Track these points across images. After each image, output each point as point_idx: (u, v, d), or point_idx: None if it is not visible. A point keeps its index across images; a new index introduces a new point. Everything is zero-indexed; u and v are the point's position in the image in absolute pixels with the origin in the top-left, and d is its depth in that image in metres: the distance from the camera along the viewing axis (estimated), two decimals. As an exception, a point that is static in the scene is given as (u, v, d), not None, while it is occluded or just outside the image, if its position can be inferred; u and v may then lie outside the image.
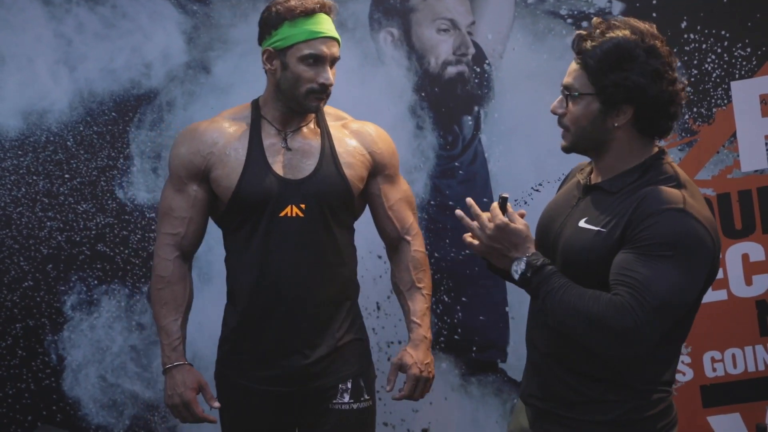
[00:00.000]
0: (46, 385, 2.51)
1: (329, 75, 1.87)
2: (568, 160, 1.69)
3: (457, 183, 2.53)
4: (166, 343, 1.92)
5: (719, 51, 2.48)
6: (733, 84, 2.48)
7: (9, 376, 2.50)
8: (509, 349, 2.56)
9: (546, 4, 2.50)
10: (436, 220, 2.54)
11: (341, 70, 2.50)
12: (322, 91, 1.87)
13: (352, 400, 1.96)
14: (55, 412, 2.51)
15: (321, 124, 1.97)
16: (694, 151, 2.50)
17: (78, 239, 2.51)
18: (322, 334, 1.93)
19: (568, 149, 1.57)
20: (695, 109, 2.49)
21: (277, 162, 1.90)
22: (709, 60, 2.48)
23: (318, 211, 1.89)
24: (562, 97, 1.54)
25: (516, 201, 2.49)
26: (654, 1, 2.48)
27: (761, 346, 2.50)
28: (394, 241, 2.06)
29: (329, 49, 1.87)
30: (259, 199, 1.87)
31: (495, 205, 1.53)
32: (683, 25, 2.48)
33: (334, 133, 1.96)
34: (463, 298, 2.56)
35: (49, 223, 2.51)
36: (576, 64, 1.51)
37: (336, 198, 1.91)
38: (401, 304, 2.06)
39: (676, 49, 2.47)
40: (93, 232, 2.51)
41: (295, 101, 1.88)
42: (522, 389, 1.72)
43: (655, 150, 1.54)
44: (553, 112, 1.56)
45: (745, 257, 2.50)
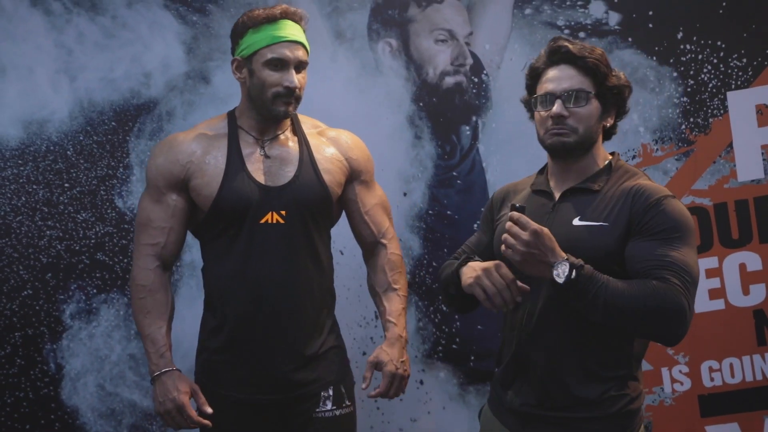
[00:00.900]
0: (44, 393, 2.51)
1: (294, 78, 1.89)
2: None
3: (455, 192, 2.54)
4: (152, 351, 1.92)
5: (715, 61, 2.49)
6: (729, 94, 2.49)
7: (7, 384, 2.50)
8: (507, 359, 2.56)
9: (543, 15, 2.52)
10: (434, 229, 2.55)
11: (340, 81, 2.54)
12: (289, 94, 1.89)
13: (335, 407, 1.96)
14: (53, 420, 2.51)
15: (298, 132, 1.99)
16: (690, 160, 2.51)
17: (77, 248, 2.52)
18: (302, 341, 1.93)
19: (571, 146, 1.64)
20: (692, 119, 2.51)
21: (257, 170, 1.92)
22: (705, 70, 2.49)
23: (298, 218, 1.91)
24: (561, 102, 1.62)
25: (514, 210, 2.50)
26: (650, 12, 2.50)
27: (759, 355, 2.50)
28: (371, 245, 2.08)
29: (293, 52, 1.89)
30: (240, 206, 1.89)
31: (517, 213, 1.54)
32: (679, 35, 2.50)
33: (311, 140, 1.99)
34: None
35: (48, 232, 2.52)
36: (573, 70, 1.64)
37: (316, 204, 1.93)
38: (377, 305, 2.08)
39: (672, 60, 2.50)
40: (92, 241, 2.52)
41: (264, 107, 1.91)
42: (499, 402, 1.73)
43: (609, 153, 1.73)
44: (560, 115, 1.62)
45: (743, 267, 2.50)
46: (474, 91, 2.54)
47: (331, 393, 1.97)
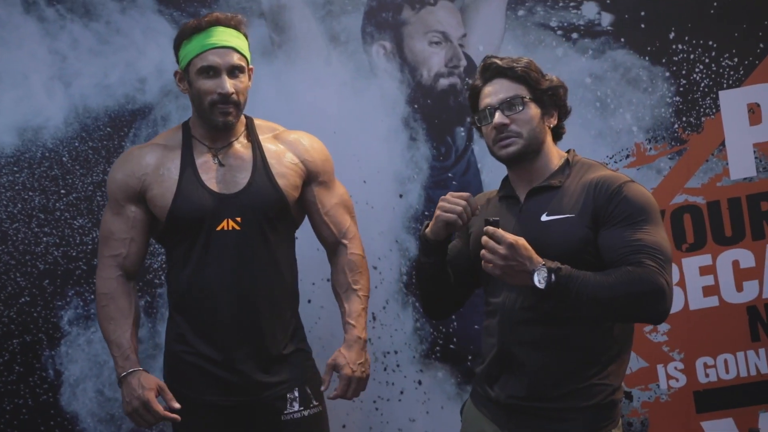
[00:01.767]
0: (43, 400, 2.51)
1: (225, 84, 1.89)
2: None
3: (451, 194, 2.55)
4: (117, 354, 1.95)
5: (707, 61, 2.51)
6: (721, 93, 2.51)
7: (6, 391, 2.50)
8: (504, 358, 2.58)
9: (536, 17, 2.53)
10: (431, 230, 2.56)
11: (335, 84, 2.55)
12: (224, 101, 1.91)
13: (302, 408, 1.99)
14: (53, 427, 2.52)
15: (252, 138, 2.01)
16: (683, 159, 2.53)
17: (74, 254, 2.52)
18: (263, 345, 1.96)
19: (519, 152, 1.72)
20: (684, 119, 2.53)
21: (210, 178, 1.95)
22: (697, 70, 2.52)
23: (254, 223, 1.93)
24: (500, 111, 1.72)
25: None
26: (642, 13, 2.52)
27: (753, 351, 2.53)
28: (332, 246, 2.10)
29: (222, 58, 1.90)
30: (195, 215, 1.92)
31: (492, 228, 1.60)
32: (671, 35, 2.52)
33: (265, 145, 2.01)
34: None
35: (45, 239, 2.52)
36: (506, 81, 1.74)
37: (271, 209, 1.95)
38: (339, 306, 2.09)
39: (664, 60, 2.52)
40: (89, 247, 2.52)
41: (205, 116, 1.94)
42: (484, 396, 1.78)
43: (564, 150, 1.81)
44: (502, 124, 1.71)
45: (736, 264, 2.53)
46: (468, 92, 2.54)
47: (296, 394, 1.99)
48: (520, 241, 1.58)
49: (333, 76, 2.53)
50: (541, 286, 1.56)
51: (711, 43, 2.50)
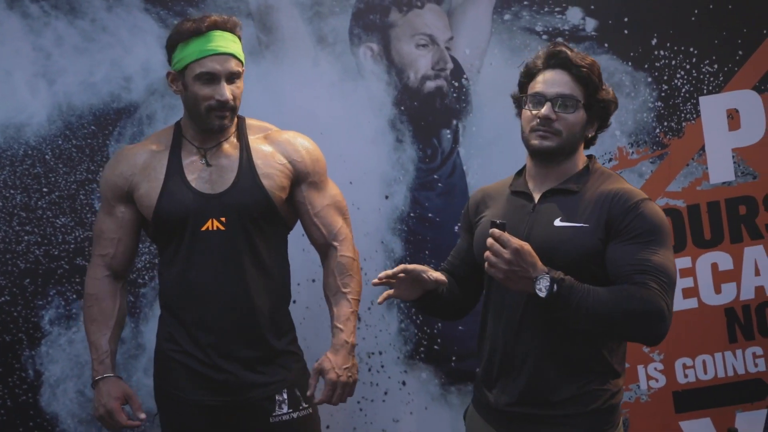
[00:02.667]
0: (23, 401, 2.48)
1: (224, 91, 1.88)
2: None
3: (436, 195, 2.57)
4: (94, 357, 1.97)
5: (688, 67, 2.56)
6: (701, 99, 2.56)
7: (-15, 392, 2.47)
8: (488, 359, 2.60)
9: (522, 21, 2.56)
10: (416, 231, 2.58)
11: (322, 85, 2.55)
12: (221, 107, 1.89)
13: (291, 410, 1.98)
14: (32, 428, 2.48)
15: (241, 138, 2.00)
16: (665, 163, 2.58)
17: (56, 253, 2.49)
18: (250, 345, 1.96)
19: (553, 149, 1.68)
20: (666, 123, 2.57)
21: (196, 178, 1.94)
22: (678, 76, 2.56)
23: (239, 224, 1.93)
24: (551, 105, 1.66)
25: (494, 213, 2.53)
26: (625, 19, 2.56)
27: (730, 352, 2.58)
28: (323, 248, 2.07)
29: (222, 65, 1.88)
30: (179, 215, 1.92)
31: (498, 231, 1.55)
32: (654, 42, 2.56)
33: (253, 145, 1.99)
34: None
35: (26, 237, 2.48)
36: (567, 76, 1.67)
37: (256, 209, 1.94)
38: (329, 310, 2.07)
39: (647, 65, 2.56)
40: (71, 246, 2.50)
41: (200, 120, 1.93)
42: (484, 402, 1.77)
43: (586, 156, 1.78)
44: (548, 118, 1.66)
45: (714, 266, 2.57)
46: (454, 95, 2.57)
47: (285, 396, 1.98)
48: (526, 246, 1.54)
49: (320, 77, 2.54)
50: (543, 294, 1.52)
51: (692, 49, 2.55)
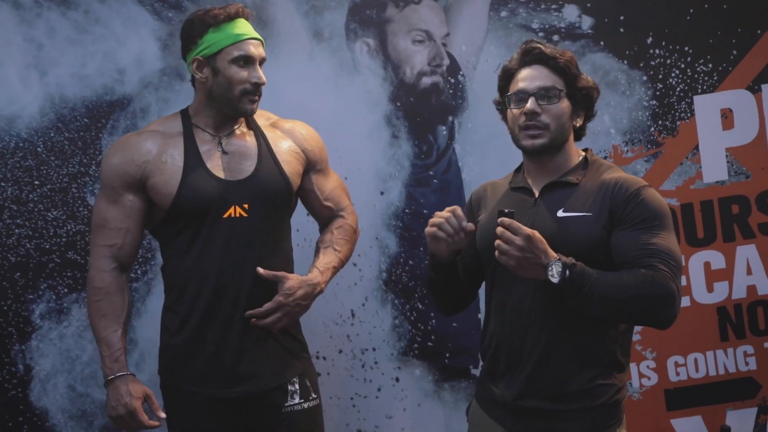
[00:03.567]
0: (12, 395, 2.45)
1: (261, 74, 1.92)
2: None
3: (432, 191, 2.57)
4: (106, 354, 1.92)
5: (683, 66, 2.57)
6: (696, 98, 2.57)
7: (-26, 387, 2.44)
8: (481, 356, 2.60)
9: (518, 18, 2.56)
10: (411, 227, 2.58)
11: (317, 79, 2.54)
12: (255, 91, 1.92)
13: (302, 400, 1.97)
14: (21, 423, 2.46)
15: (253, 125, 2.00)
16: (659, 162, 2.59)
17: (47, 247, 2.47)
18: (264, 334, 1.94)
19: (545, 146, 1.70)
20: (660, 122, 2.58)
21: (216, 166, 1.93)
22: (673, 75, 2.57)
23: (261, 210, 1.92)
24: (534, 99, 1.68)
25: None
26: (621, 17, 2.56)
27: (722, 351, 2.59)
28: (328, 219, 2.11)
29: (257, 49, 1.93)
30: (202, 202, 1.89)
31: (508, 219, 1.57)
32: (649, 40, 2.57)
33: (266, 132, 2.01)
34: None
35: (17, 231, 2.46)
36: (546, 69, 1.71)
37: (278, 195, 1.95)
38: (314, 256, 2.05)
39: (642, 64, 2.57)
40: (63, 240, 2.47)
41: (230, 105, 1.92)
42: (488, 397, 1.77)
43: (581, 149, 1.80)
44: (533, 112, 1.68)
45: (707, 265, 2.59)
46: (450, 91, 2.57)
47: (297, 387, 1.97)
48: (537, 234, 1.56)
49: (316, 71, 2.53)
50: (555, 280, 1.54)
51: (687, 48, 2.56)
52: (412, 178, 2.57)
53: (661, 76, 2.57)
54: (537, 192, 1.74)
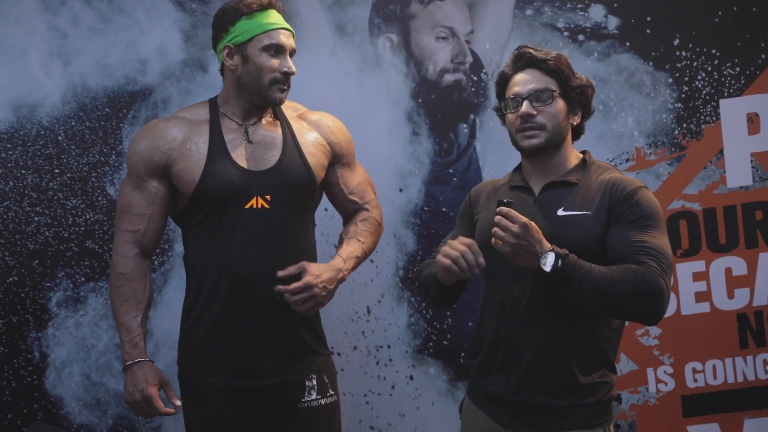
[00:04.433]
0: (27, 382, 2.46)
1: (291, 63, 1.93)
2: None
3: (451, 189, 2.55)
4: (126, 340, 1.92)
5: (709, 69, 2.54)
6: (721, 102, 2.54)
7: (-10, 373, 2.45)
8: (497, 356, 2.58)
9: (543, 17, 2.54)
10: (429, 225, 2.56)
11: (340, 74, 2.53)
12: (285, 80, 1.92)
13: (320, 396, 1.96)
14: (36, 410, 2.47)
15: (279, 116, 2.00)
16: (682, 165, 2.56)
17: (66, 235, 2.47)
18: (285, 327, 1.93)
19: (543, 145, 1.74)
20: (685, 125, 2.55)
21: (240, 155, 1.92)
22: (699, 77, 2.54)
23: (284, 202, 1.91)
24: (528, 101, 1.70)
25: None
26: (648, 18, 2.53)
27: (741, 358, 2.56)
28: (353, 212, 2.10)
29: (288, 39, 1.93)
30: (224, 191, 1.88)
31: (506, 209, 1.61)
32: (676, 42, 2.54)
33: (293, 124, 1.99)
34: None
35: (36, 218, 2.46)
36: (538, 72, 1.76)
37: (301, 187, 1.94)
38: (337, 246, 2.04)
39: (668, 66, 2.54)
40: (82, 228, 2.48)
41: (259, 94, 1.92)
42: (482, 393, 1.79)
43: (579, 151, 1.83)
44: (528, 114, 1.72)
45: (728, 271, 2.56)
46: (473, 89, 2.55)
47: (315, 382, 1.96)
48: (533, 224, 1.61)
49: (338, 66, 2.51)
50: (547, 269, 1.58)
51: (714, 51, 2.53)
52: (431, 175, 2.56)
53: (687, 79, 2.54)
54: (536, 191, 1.77)
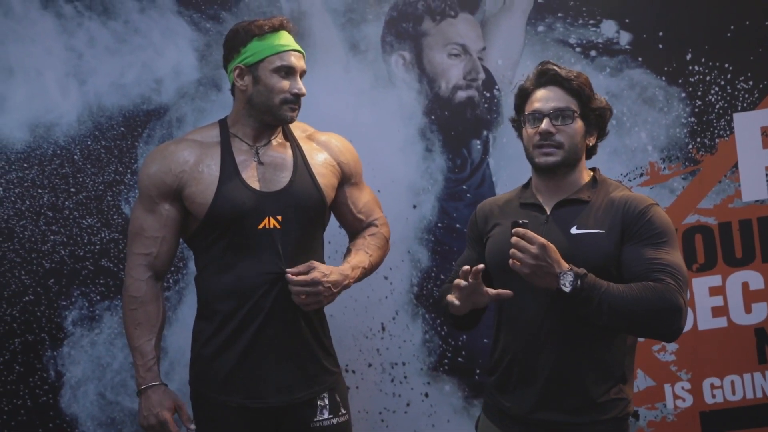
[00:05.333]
0: (43, 401, 2.47)
1: (301, 85, 1.94)
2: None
3: (465, 206, 2.55)
4: (140, 363, 1.93)
5: (723, 83, 2.54)
6: (735, 116, 2.53)
7: (5, 392, 2.45)
8: (512, 373, 2.57)
9: (555, 33, 2.55)
10: (443, 242, 2.56)
11: (353, 92, 2.55)
12: (295, 101, 1.94)
13: (332, 416, 1.96)
14: (51, 429, 2.47)
15: (289, 137, 2.01)
16: (696, 180, 2.55)
17: (81, 254, 2.48)
18: (298, 347, 1.93)
19: (558, 164, 1.75)
20: (698, 139, 2.55)
21: (251, 176, 1.93)
22: (712, 91, 2.54)
23: (295, 222, 1.92)
24: (549, 119, 1.73)
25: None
26: (660, 33, 2.54)
27: (759, 373, 2.53)
28: (360, 229, 2.11)
29: (298, 61, 1.95)
30: (236, 213, 1.89)
31: (523, 230, 1.62)
32: (688, 56, 2.54)
33: (302, 145, 2.01)
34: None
35: (52, 237, 2.48)
36: (560, 91, 1.76)
37: (312, 208, 1.95)
38: (344, 256, 2.05)
39: (681, 80, 2.54)
40: (97, 247, 2.49)
41: (270, 113, 1.93)
42: (499, 410, 1.78)
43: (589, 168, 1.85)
44: (548, 132, 1.73)
45: (745, 285, 2.54)
46: (486, 105, 2.56)
47: (327, 402, 1.96)
48: (551, 244, 1.61)
49: (351, 84, 2.53)
50: (567, 289, 1.59)
51: (727, 65, 2.53)
52: (445, 192, 2.56)
53: (700, 93, 2.54)
54: (548, 209, 1.78)
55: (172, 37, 2.49)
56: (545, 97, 1.76)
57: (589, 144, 1.80)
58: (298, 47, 1.96)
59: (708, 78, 2.54)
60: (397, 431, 2.55)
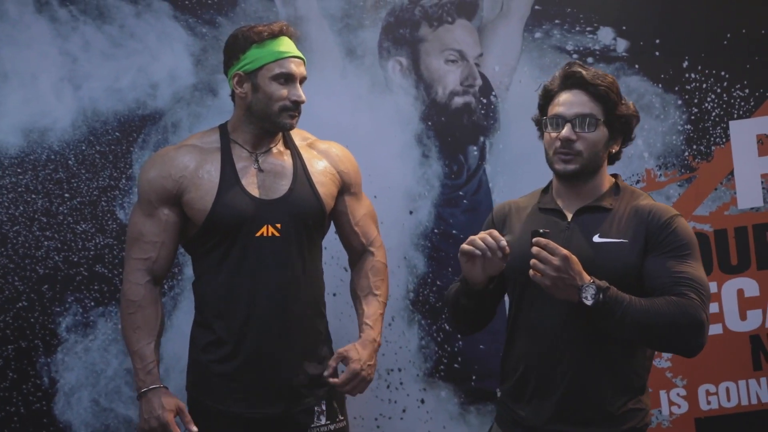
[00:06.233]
0: (36, 408, 2.45)
1: (301, 92, 1.93)
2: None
3: (461, 212, 2.55)
4: (140, 367, 1.92)
5: (719, 91, 2.54)
6: (731, 123, 2.54)
7: (-2, 398, 2.44)
8: (508, 379, 2.57)
9: (552, 39, 2.55)
10: (439, 248, 2.55)
11: (349, 97, 2.54)
12: (295, 108, 1.93)
13: (329, 422, 1.96)
14: (44, 436, 2.45)
15: (289, 144, 2.01)
16: (692, 187, 2.55)
17: (76, 260, 2.47)
18: (296, 356, 1.93)
19: (577, 171, 1.70)
20: (695, 147, 2.55)
21: (251, 183, 1.93)
22: (709, 99, 2.54)
23: (293, 230, 1.92)
24: (570, 125, 1.67)
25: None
26: (657, 41, 2.54)
27: (754, 380, 2.54)
28: (359, 253, 2.11)
29: (298, 68, 1.94)
30: (235, 220, 1.88)
31: (544, 240, 1.57)
32: (685, 64, 2.54)
33: (303, 153, 2.01)
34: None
35: (46, 243, 2.46)
36: (585, 96, 1.70)
37: (311, 216, 1.95)
38: (356, 308, 2.09)
39: (677, 88, 2.54)
40: (92, 253, 2.47)
41: (269, 120, 1.92)
42: (512, 420, 1.75)
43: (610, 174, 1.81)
44: (568, 139, 1.67)
45: (740, 293, 2.54)
46: (482, 111, 2.55)
47: (324, 408, 1.96)
48: (573, 256, 1.57)
49: (348, 89, 2.52)
50: (589, 303, 1.55)
51: (723, 73, 2.53)
52: (441, 198, 2.55)
53: (696, 101, 2.54)
54: (569, 215, 1.73)
55: (168, 42, 2.48)
56: (569, 102, 1.70)
57: (612, 151, 1.75)
58: (298, 53, 1.95)
59: (704, 85, 2.54)
60: (393, 438, 2.55)
